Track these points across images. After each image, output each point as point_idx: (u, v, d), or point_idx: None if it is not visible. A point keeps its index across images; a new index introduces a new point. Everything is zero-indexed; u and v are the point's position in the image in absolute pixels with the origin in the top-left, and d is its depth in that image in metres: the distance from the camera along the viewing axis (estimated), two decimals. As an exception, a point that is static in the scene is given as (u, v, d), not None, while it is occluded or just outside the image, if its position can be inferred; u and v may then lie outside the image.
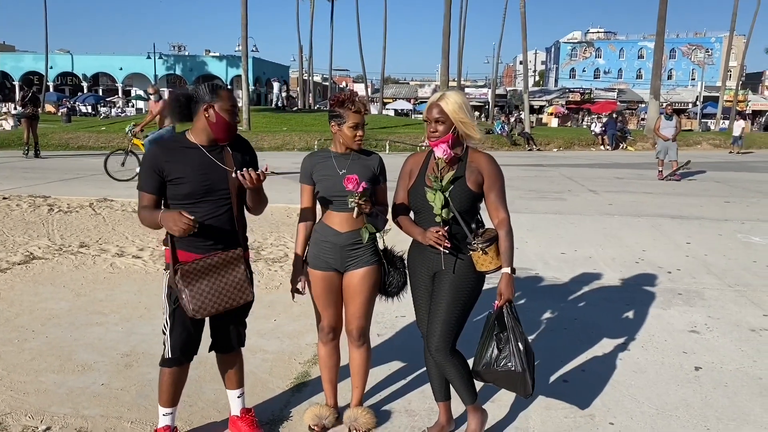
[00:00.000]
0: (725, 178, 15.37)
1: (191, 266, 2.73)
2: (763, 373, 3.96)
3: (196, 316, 2.74)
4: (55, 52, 60.75)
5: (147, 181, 2.79)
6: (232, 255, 2.81)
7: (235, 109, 2.83)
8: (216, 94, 2.75)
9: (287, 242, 7.37)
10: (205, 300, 2.73)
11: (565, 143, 26.80)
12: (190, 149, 2.79)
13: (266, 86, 53.94)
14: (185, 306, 2.72)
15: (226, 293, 2.77)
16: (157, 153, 2.78)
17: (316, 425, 3.17)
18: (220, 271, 2.78)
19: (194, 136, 2.82)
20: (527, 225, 8.58)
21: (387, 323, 4.73)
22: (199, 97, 2.76)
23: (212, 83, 2.81)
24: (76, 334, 4.46)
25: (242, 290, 2.81)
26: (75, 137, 23.27)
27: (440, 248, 2.80)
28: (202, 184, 2.75)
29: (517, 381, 2.83)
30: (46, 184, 11.99)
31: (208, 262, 2.76)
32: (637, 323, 4.86)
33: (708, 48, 73.08)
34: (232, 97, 2.80)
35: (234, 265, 2.80)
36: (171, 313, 2.83)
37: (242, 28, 25.85)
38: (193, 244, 2.79)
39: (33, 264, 6.28)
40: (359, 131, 2.99)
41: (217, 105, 2.74)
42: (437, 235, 2.77)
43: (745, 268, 6.58)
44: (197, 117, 2.78)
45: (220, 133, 2.79)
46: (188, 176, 2.74)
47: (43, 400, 3.47)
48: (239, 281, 2.80)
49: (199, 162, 2.77)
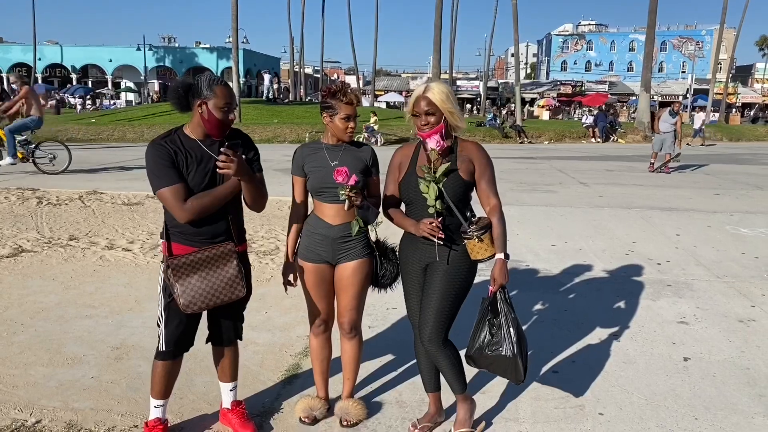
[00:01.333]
0: (714, 171, 15.46)
1: (182, 260, 2.72)
2: (750, 364, 3.99)
3: (187, 311, 2.73)
4: (43, 44, 60.23)
5: (165, 177, 2.66)
6: (224, 249, 2.78)
7: (230, 106, 2.74)
8: (211, 90, 2.69)
9: (278, 235, 7.36)
10: (195, 295, 2.72)
11: (556, 136, 26.87)
12: (187, 143, 2.75)
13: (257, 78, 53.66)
14: (177, 300, 2.72)
15: (217, 289, 2.75)
16: (161, 148, 2.70)
17: (307, 417, 3.18)
18: (213, 266, 2.75)
19: (191, 131, 2.79)
20: (518, 217, 8.61)
21: (378, 315, 4.74)
22: (195, 92, 2.71)
23: (210, 77, 2.75)
24: (65, 327, 4.43)
25: (234, 286, 2.79)
26: (64, 130, 23.10)
27: (434, 239, 2.81)
28: (199, 179, 2.72)
29: (509, 367, 2.85)
30: (34, 177, 11.89)
31: (199, 257, 2.74)
32: (626, 314, 4.89)
33: (698, 40, 73.40)
34: (227, 94, 2.72)
35: (226, 260, 2.78)
36: (166, 306, 2.82)
37: (233, 19, 25.69)
38: (189, 237, 2.78)
39: (22, 257, 6.24)
40: (351, 123, 2.98)
41: (211, 103, 2.68)
42: (431, 226, 2.77)
43: (734, 259, 6.63)
44: (193, 111, 2.74)
45: (212, 130, 2.75)
46: (191, 170, 2.71)
47: (32, 393, 3.45)
48: (231, 277, 2.78)
49: (196, 156, 2.74)
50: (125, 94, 54.15)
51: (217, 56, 59.49)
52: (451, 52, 43.03)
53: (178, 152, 2.71)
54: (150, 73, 56.36)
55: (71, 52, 60.92)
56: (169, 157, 2.68)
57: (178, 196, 2.65)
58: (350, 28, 57.17)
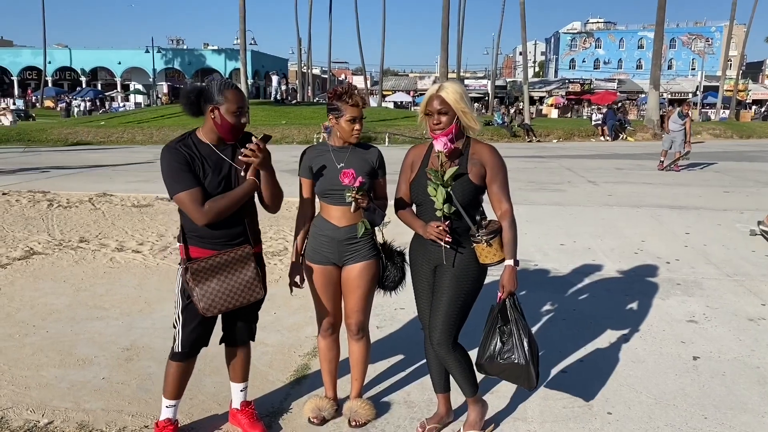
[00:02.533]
0: (724, 168, 15.36)
1: (201, 264, 2.74)
2: (760, 363, 3.97)
3: (206, 314, 2.75)
4: (53, 47, 60.71)
5: (187, 179, 2.67)
6: (242, 253, 2.80)
7: (243, 109, 2.74)
8: (222, 95, 2.70)
9: (286, 235, 7.38)
10: (215, 298, 2.74)
11: (564, 134, 26.76)
12: (201, 148, 2.77)
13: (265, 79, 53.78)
14: (196, 303, 2.74)
15: (236, 291, 2.77)
16: (176, 152, 2.71)
17: (316, 417, 3.19)
18: (231, 269, 2.78)
19: (204, 135, 2.80)
20: (526, 216, 8.59)
21: (386, 315, 4.75)
22: (207, 97, 2.72)
23: (222, 81, 2.75)
24: (76, 329, 4.47)
25: (253, 288, 2.81)
26: (74, 132, 23.26)
27: (441, 243, 2.80)
28: (215, 183, 2.74)
29: (521, 374, 2.83)
30: (45, 179, 11.99)
31: (217, 261, 2.76)
32: (635, 313, 4.87)
33: (708, 37, 72.84)
34: (239, 98, 2.73)
35: (244, 263, 2.80)
36: (184, 308, 2.84)
37: (240, 21, 25.80)
38: (206, 240, 2.80)
39: (33, 259, 6.29)
40: (356, 125, 2.97)
41: (223, 108, 2.70)
42: (438, 230, 2.76)
43: (744, 258, 6.59)
44: (206, 116, 2.76)
45: (226, 135, 2.77)
46: (207, 175, 2.72)
47: (44, 394, 3.49)
48: (249, 279, 2.80)
49: (211, 160, 2.75)
50: (134, 96, 54.42)
51: (226, 58, 59.72)
52: (458, 52, 42.96)
53: (194, 157, 2.73)
54: (159, 75, 56.60)
55: (80, 54, 61.36)
56: (185, 161, 2.69)
57: (195, 199, 2.67)
58: (357, 29, 57.15)
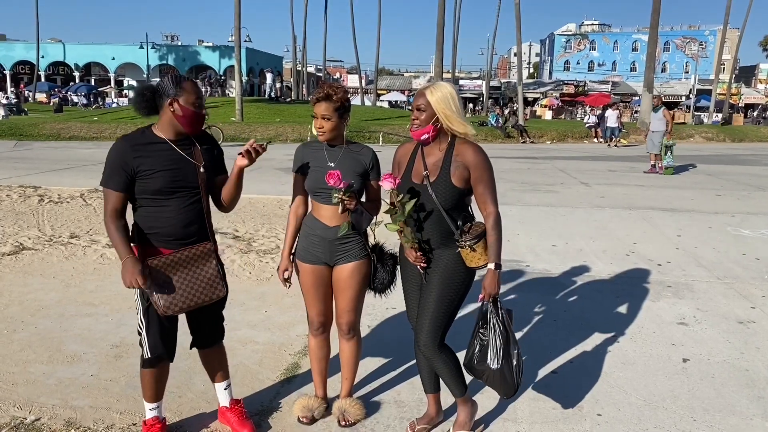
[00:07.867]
0: (717, 171, 15.43)
1: (160, 262, 2.69)
2: (749, 365, 3.99)
3: (167, 313, 2.70)
4: (46, 42, 60.20)
5: (113, 178, 2.68)
6: (203, 249, 2.78)
7: (201, 100, 2.75)
8: (180, 87, 2.69)
9: (278, 234, 7.36)
10: (175, 296, 2.70)
11: (558, 136, 26.82)
12: (159, 144, 2.73)
13: (259, 77, 53.66)
14: (156, 303, 2.69)
15: (197, 289, 2.74)
16: (124, 148, 2.68)
17: (305, 416, 3.18)
18: (191, 266, 2.75)
19: (161, 131, 2.76)
20: (518, 217, 8.60)
21: (377, 315, 4.74)
22: (163, 91, 2.70)
23: (175, 75, 2.76)
24: (65, 325, 4.44)
25: (214, 286, 2.78)
26: (66, 127, 23.12)
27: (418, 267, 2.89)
28: (173, 180, 2.71)
29: (496, 380, 2.81)
30: (36, 175, 11.92)
31: (177, 257, 2.72)
32: (626, 315, 4.89)
33: (702, 41, 73.20)
34: (196, 89, 2.74)
35: (205, 260, 2.77)
36: (145, 312, 2.78)
37: (235, 17, 25.69)
38: (165, 240, 2.75)
39: (23, 255, 6.25)
40: (319, 121, 2.91)
41: (182, 99, 2.69)
42: (413, 256, 2.87)
43: (735, 260, 6.62)
44: (163, 111, 2.72)
45: (188, 126, 2.74)
46: (159, 171, 2.68)
47: (31, 390, 3.46)
48: (210, 277, 2.77)
49: (168, 157, 2.72)
50: (128, 92, 54.13)
51: (220, 55, 59.46)
52: (453, 52, 43.09)
53: (143, 154, 2.68)
54: (153, 71, 56.31)
55: (74, 49, 60.93)
56: (127, 161, 2.66)
57: (111, 201, 2.69)
58: (353, 27, 56.96)
